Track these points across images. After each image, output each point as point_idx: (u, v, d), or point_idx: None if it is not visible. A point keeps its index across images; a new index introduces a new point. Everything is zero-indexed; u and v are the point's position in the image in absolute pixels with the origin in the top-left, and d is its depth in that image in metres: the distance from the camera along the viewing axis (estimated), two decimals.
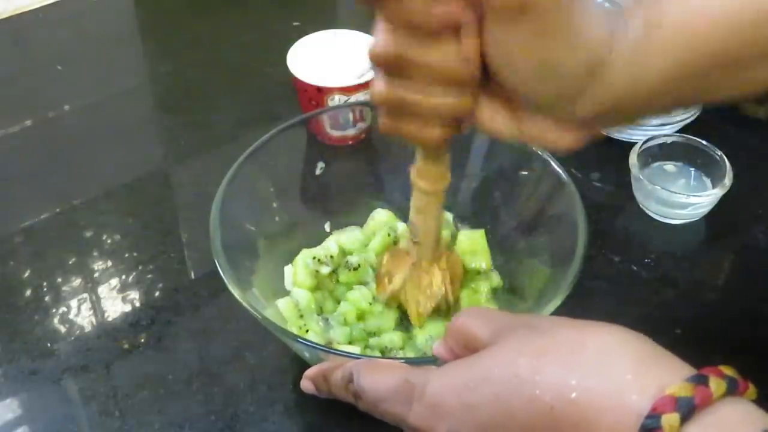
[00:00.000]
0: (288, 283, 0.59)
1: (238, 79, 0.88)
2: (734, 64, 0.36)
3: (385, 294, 0.55)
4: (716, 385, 0.29)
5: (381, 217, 0.62)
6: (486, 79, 0.38)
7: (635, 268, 0.66)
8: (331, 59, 0.78)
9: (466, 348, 0.36)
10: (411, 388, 0.35)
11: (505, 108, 0.40)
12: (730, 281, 0.67)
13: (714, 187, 0.69)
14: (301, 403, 0.56)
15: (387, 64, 0.38)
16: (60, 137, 0.81)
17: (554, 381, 0.31)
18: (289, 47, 0.77)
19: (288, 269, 0.59)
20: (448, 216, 0.62)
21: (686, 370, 0.30)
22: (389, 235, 0.59)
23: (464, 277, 0.57)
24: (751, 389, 0.30)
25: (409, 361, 0.43)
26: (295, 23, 0.93)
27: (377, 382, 0.36)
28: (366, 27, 0.81)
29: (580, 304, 0.60)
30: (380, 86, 0.39)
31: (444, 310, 0.55)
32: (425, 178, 0.47)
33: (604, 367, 0.30)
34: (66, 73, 0.89)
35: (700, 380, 0.29)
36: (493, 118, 0.40)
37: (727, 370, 0.30)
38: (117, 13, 1.01)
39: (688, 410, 0.28)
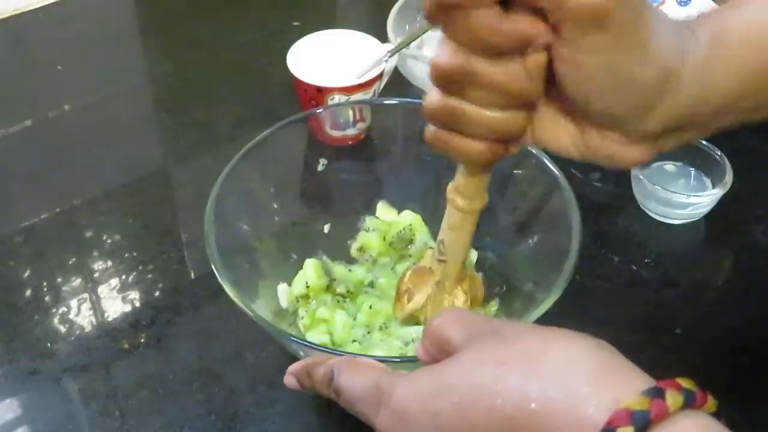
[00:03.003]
0: (283, 301, 0.59)
1: (238, 79, 0.88)
2: None
3: (404, 312, 0.53)
4: (673, 398, 0.28)
5: (408, 218, 0.62)
6: (551, 95, 0.38)
7: (635, 268, 0.66)
8: (331, 59, 0.78)
9: (441, 351, 0.36)
10: (380, 392, 0.35)
11: (570, 124, 0.39)
12: (730, 281, 0.67)
13: (714, 187, 0.69)
14: (301, 403, 0.56)
15: (449, 78, 0.37)
16: (60, 137, 0.81)
17: (514, 391, 0.30)
18: (289, 47, 0.77)
19: (282, 288, 0.59)
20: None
21: (645, 383, 0.30)
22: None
23: (484, 301, 0.56)
24: (711, 402, 0.30)
25: (393, 361, 0.43)
26: (295, 23, 0.93)
27: (353, 382, 0.37)
28: (366, 27, 0.81)
29: (580, 304, 0.60)
30: (435, 99, 0.38)
31: None
32: (464, 196, 0.46)
33: (563, 378, 0.30)
34: (66, 73, 0.89)
35: (657, 393, 0.29)
36: (557, 134, 0.39)
37: (686, 383, 0.29)
38: (117, 13, 1.01)
39: (643, 424, 0.28)
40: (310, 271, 0.59)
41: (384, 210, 0.64)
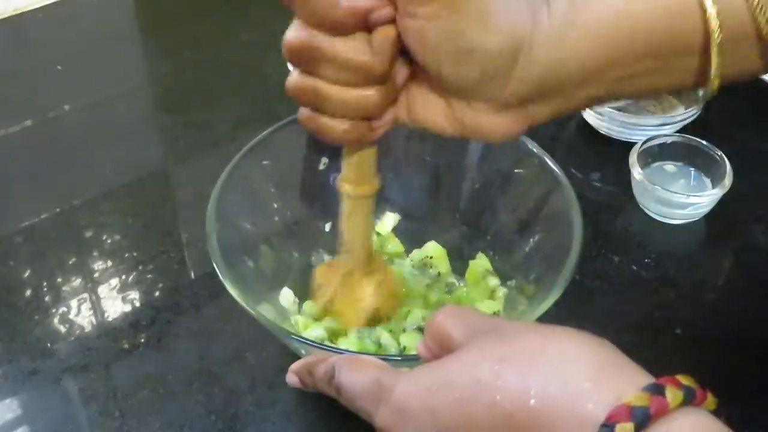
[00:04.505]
0: (285, 302, 0.59)
1: (238, 79, 0.88)
2: (653, 56, 0.37)
3: (319, 306, 0.53)
4: (672, 395, 0.29)
5: (431, 250, 0.62)
6: (417, 73, 0.39)
7: (635, 268, 0.66)
8: None
9: (442, 347, 0.36)
10: (381, 389, 0.35)
11: (440, 99, 0.40)
12: (730, 281, 0.67)
13: (714, 187, 0.69)
14: (301, 404, 0.56)
15: (298, 56, 0.38)
16: (60, 137, 0.81)
17: (514, 387, 0.31)
18: None
19: (286, 291, 0.59)
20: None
21: (645, 380, 0.30)
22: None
23: (402, 298, 0.55)
24: (710, 399, 0.30)
25: (394, 359, 0.43)
26: None
27: (353, 379, 0.37)
28: None
29: (580, 304, 0.61)
30: (293, 78, 0.40)
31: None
32: (349, 181, 0.46)
33: (562, 374, 0.30)
34: (66, 73, 0.89)
35: (657, 390, 0.29)
36: (431, 112, 0.40)
37: (685, 380, 0.30)
38: (117, 13, 1.01)
39: (643, 420, 0.28)
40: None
41: (386, 221, 0.64)
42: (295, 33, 0.38)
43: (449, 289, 0.60)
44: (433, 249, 0.62)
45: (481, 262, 0.60)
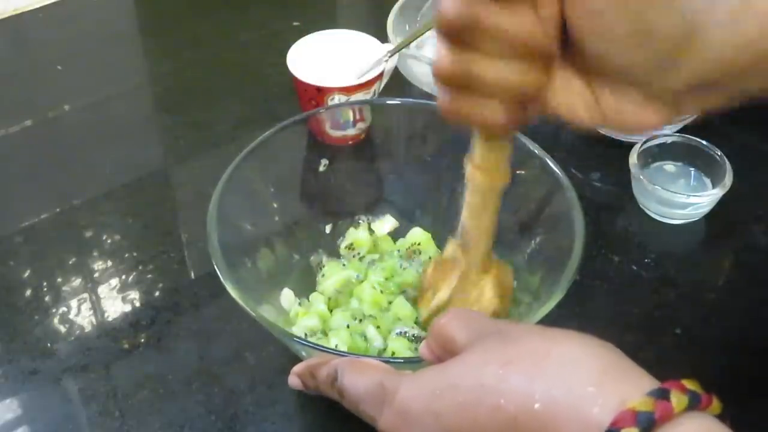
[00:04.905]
0: (286, 303, 0.59)
1: (238, 79, 0.88)
2: None
3: (429, 310, 0.49)
4: (677, 399, 0.28)
5: (417, 236, 0.62)
6: (564, 57, 0.35)
7: (635, 268, 0.66)
8: (331, 59, 0.78)
9: (445, 350, 0.36)
10: (384, 392, 0.35)
11: (584, 87, 0.36)
12: (730, 281, 0.67)
13: (714, 187, 0.69)
14: (301, 404, 0.56)
15: (454, 30, 0.34)
16: (60, 137, 0.81)
17: (519, 391, 0.30)
18: (289, 47, 0.77)
19: (286, 292, 0.59)
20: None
21: (649, 384, 0.30)
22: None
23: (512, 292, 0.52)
24: (715, 404, 0.30)
25: (396, 362, 0.43)
26: (295, 23, 0.93)
27: (356, 381, 0.37)
28: (366, 27, 0.81)
29: (580, 304, 0.61)
30: (444, 58, 0.35)
31: None
32: (484, 171, 0.42)
33: (567, 378, 0.30)
34: (66, 73, 0.89)
35: (662, 394, 0.29)
36: (571, 99, 0.36)
37: (690, 385, 0.29)
38: (117, 13, 1.01)
39: (647, 425, 0.28)
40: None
41: (385, 223, 0.64)
42: (453, 4, 0.34)
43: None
44: (419, 235, 0.62)
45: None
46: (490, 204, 0.44)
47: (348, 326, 0.55)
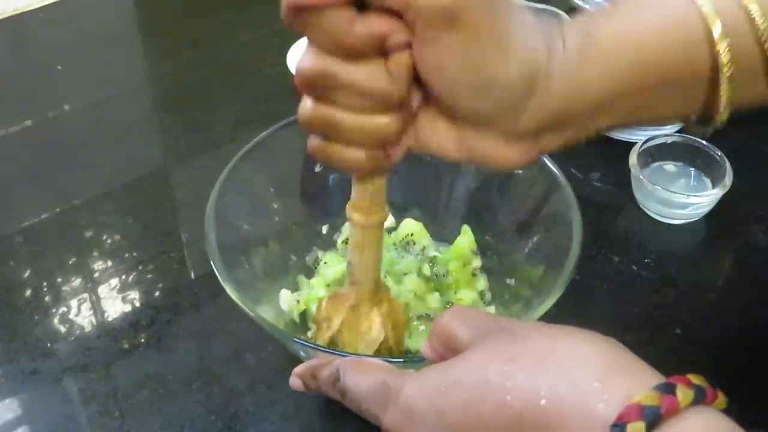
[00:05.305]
0: (284, 303, 0.59)
1: (238, 79, 0.88)
2: (673, 83, 0.36)
3: (324, 339, 0.51)
4: (683, 394, 0.29)
5: (410, 227, 0.62)
6: (427, 98, 0.37)
7: (635, 268, 0.66)
8: None
9: (448, 348, 0.36)
10: (387, 390, 0.35)
11: (449, 126, 0.38)
12: (730, 281, 0.67)
13: (714, 187, 0.69)
14: (301, 404, 0.56)
15: (312, 84, 0.37)
16: (60, 137, 0.81)
17: (524, 387, 0.30)
18: (289, 47, 0.77)
19: (284, 293, 0.59)
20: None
21: (655, 379, 0.30)
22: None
23: (407, 325, 0.54)
24: (721, 398, 0.30)
25: (398, 361, 0.43)
26: None
27: (359, 381, 0.37)
28: None
29: (580, 304, 0.60)
30: (306, 109, 0.38)
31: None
32: (360, 211, 0.44)
33: (572, 374, 0.30)
34: (66, 73, 0.89)
35: (668, 389, 0.29)
36: (439, 137, 0.39)
37: (696, 379, 0.29)
38: (117, 13, 1.01)
39: (654, 419, 0.28)
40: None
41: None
42: (309, 61, 0.36)
43: (433, 263, 0.61)
44: (412, 225, 0.62)
45: (465, 239, 0.61)
46: (371, 240, 0.46)
47: None
